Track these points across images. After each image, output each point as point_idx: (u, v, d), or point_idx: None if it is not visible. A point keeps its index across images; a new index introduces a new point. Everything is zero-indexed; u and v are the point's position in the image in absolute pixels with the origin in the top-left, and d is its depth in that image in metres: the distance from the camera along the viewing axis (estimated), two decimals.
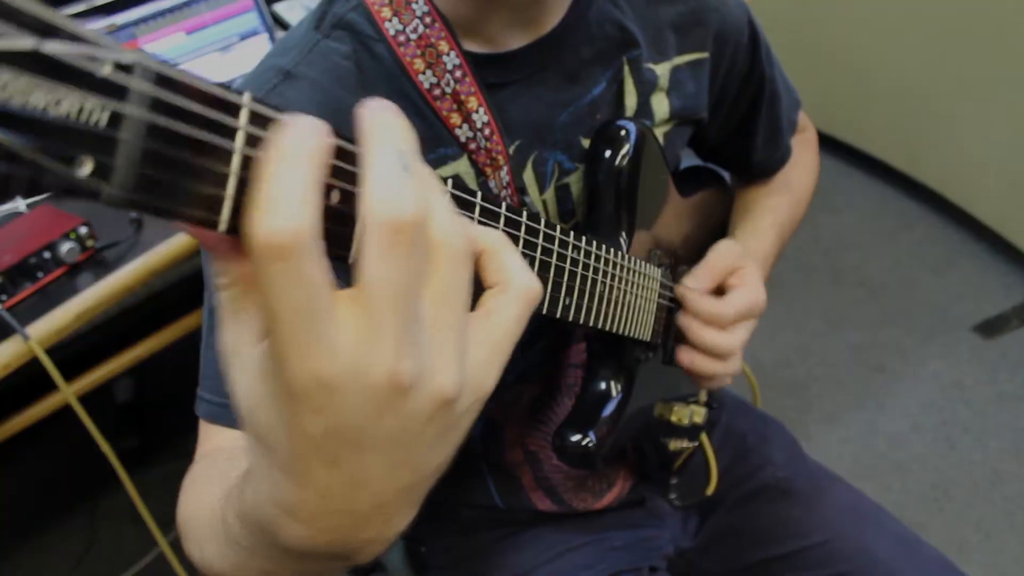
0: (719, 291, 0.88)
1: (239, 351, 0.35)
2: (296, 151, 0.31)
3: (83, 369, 1.40)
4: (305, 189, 0.31)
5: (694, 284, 0.85)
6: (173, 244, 1.26)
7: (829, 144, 2.88)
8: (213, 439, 0.73)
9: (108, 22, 1.45)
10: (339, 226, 0.34)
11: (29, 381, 1.24)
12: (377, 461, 0.35)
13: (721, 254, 0.88)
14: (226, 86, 0.31)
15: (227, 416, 0.72)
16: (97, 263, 1.24)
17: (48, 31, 0.26)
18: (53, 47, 0.26)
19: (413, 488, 0.38)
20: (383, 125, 0.34)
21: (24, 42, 0.25)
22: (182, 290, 1.55)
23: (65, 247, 1.20)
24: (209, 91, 0.31)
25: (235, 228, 0.32)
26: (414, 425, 0.34)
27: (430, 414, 0.34)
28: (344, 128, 0.35)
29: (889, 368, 2.20)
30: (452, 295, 0.35)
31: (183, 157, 0.30)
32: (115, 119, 0.28)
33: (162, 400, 2.18)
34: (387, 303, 0.32)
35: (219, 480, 0.53)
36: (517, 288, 0.39)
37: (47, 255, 1.19)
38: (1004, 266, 2.45)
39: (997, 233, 2.46)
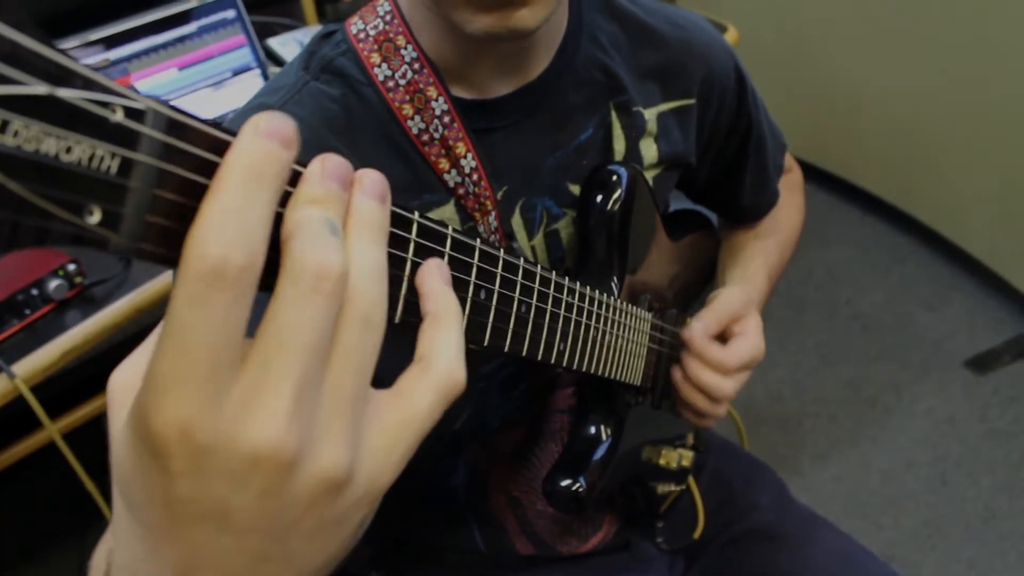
0: (721, 337, 0.88)
1: (127, 392, 0.31)
2: (264, 166, 0.29)
3: (70, 404, 1.39)
4: (267, 215, 0.28)
5: (699, 326, 0.85)
6: (162, 281, 1.26)
7: (822, 178, 2.90)
8: None
9: (102, 57, 1.46)
10: None
11: (14, 418, 1.23)
12: (242, 548, 0.30)
13: (727, 301, 0.89)
14: (235, 133, 0.31)
15: None
16: (85, 300, 1.23)
17: (62, 77, 0.26)
18: (66, 93, 0.26)
19: None
20: (326, 191, 0.32)
21: (38, 88, 0.25)
22: None
23: (53, 284, 1.20)
24: (219, 138, 0.30)
25: None
26: (291, 510, 0.30)
27: (311, 499, 0.30)
28: None
29: (882, 404, 2.20)
30: (357, 362, 0.31)
31: (192, 206, 0.29)
32: (125, 166, 0.27)
33: None
34: (290, 358, 0.28)
35: None
36: (438, 372, 0.34)
37: (35, 292, 1.19)
38: (995, 301, 2.45)
39: (988, 268, 2.46)
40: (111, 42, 1.46)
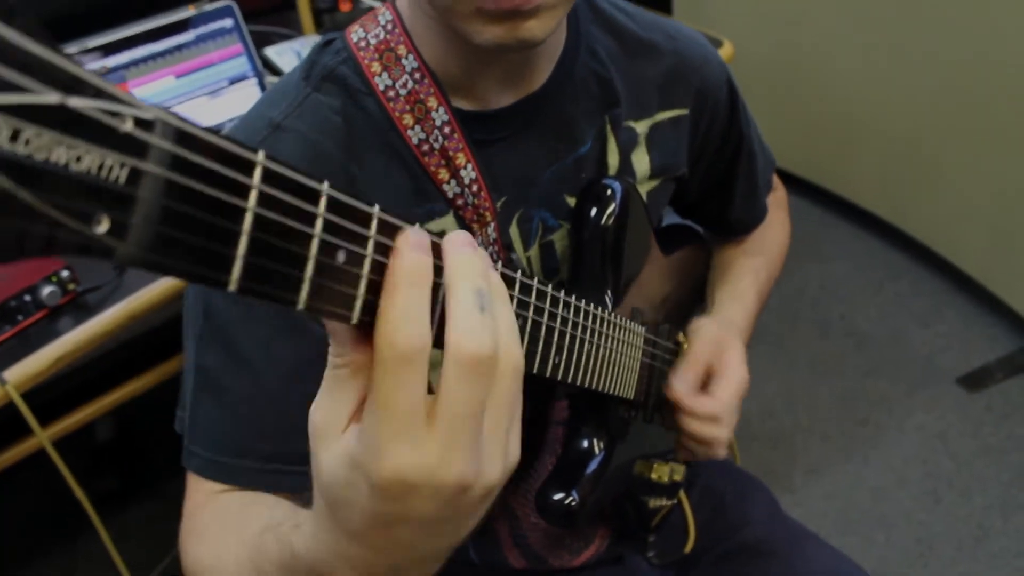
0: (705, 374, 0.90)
1: (328, 432, 0.41)
2: (420, 273, 0.38)
3: (61, 411, 1.38)
4: (427, 306, 0.38)
5: (683, 385, 0.86)
6: (155, 288, 1.25)
7: (816, 194, 2.90)
8: (203, 490, 0.74)
9: (99, 65, 1.46)
10: (347, 287, 0.37)
11: (4, 425, 1.23)
12: (430, 534, 0.42)
13: (700, 345, 0.90)
14: (243, 144, 0.31)
15: (217, 471, 0.73)
16: (78, 307, 1.23)
17: (73, 86, 0.26)
18: (77, 102, 0.26)
19: (451, 548, 0.45)
20: (464, 263, 0.40)
21: (49, 97, 0.25)
22: (163, 335, 1.54)
23: (46, 290, 1.19)
24: (226, 149, 0.30)
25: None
26: (464, 508, 0.41)
27: (479, 501, 0.41)
28: (329, 180, 0.35)
29: (874, 420, 2.20)
30: (507, 405, 0.41)
31: (200, 216, 0.29)
32: (134, 176, 0.27)
33: (142, 442, 2.15)
34: (463, 420, 0.38)
35: (237, 531, 0.62)
36: (505, 363, 0.41)
37: (27, 298, 1.18)
38: (988, 318, 2.45)
39: (982, 285, 2.46)
40: (109, 49, 1.46)
